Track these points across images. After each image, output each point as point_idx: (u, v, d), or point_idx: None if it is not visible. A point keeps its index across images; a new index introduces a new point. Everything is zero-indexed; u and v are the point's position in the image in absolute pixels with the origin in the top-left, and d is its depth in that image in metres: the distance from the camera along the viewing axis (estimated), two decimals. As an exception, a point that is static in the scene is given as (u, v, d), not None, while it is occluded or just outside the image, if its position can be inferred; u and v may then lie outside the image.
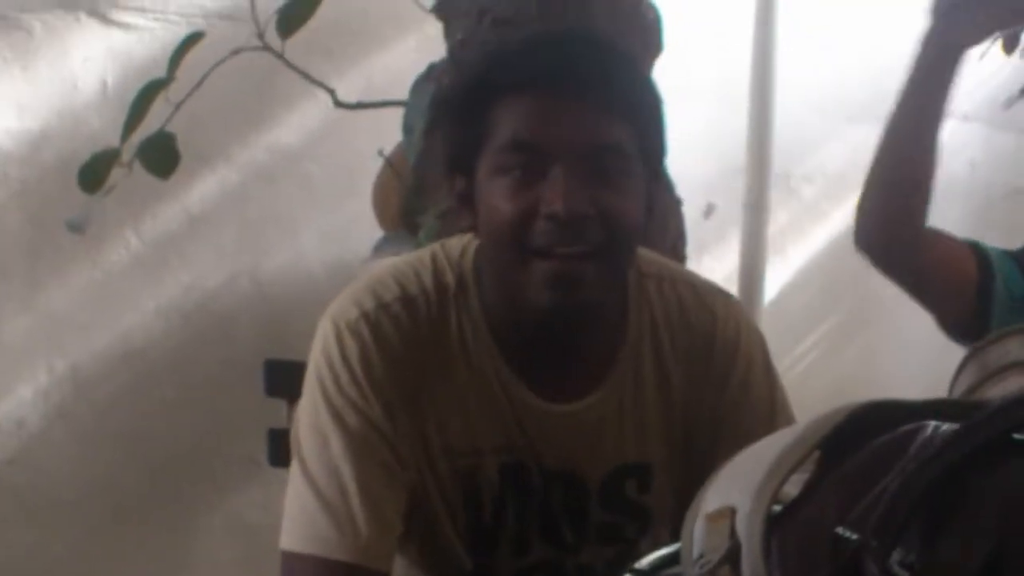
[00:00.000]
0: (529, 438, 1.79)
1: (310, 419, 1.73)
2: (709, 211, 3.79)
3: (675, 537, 1.17)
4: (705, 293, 1.88)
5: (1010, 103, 2.56)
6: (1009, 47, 3.46)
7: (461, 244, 1.81)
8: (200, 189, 3.34)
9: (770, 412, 1.86)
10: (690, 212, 2.89)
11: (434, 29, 2.84)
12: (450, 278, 1.78)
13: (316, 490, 1.70)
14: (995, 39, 3.50)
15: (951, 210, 4.49)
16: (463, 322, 1.76)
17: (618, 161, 1.69)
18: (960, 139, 4.40)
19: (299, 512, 1.72)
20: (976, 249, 2.20)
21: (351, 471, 1.69)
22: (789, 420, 1.86)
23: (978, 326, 2.09)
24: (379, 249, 2.95)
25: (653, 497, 1.85)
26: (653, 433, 1.82)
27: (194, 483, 3.37)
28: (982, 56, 3.52)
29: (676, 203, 2.80)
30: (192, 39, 2.79)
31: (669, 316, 1.83)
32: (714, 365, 1.84)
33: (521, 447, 1.79)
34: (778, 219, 3.86)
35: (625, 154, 1.69)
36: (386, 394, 1.72)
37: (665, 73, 2.86)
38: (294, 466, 1.75)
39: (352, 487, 1.69)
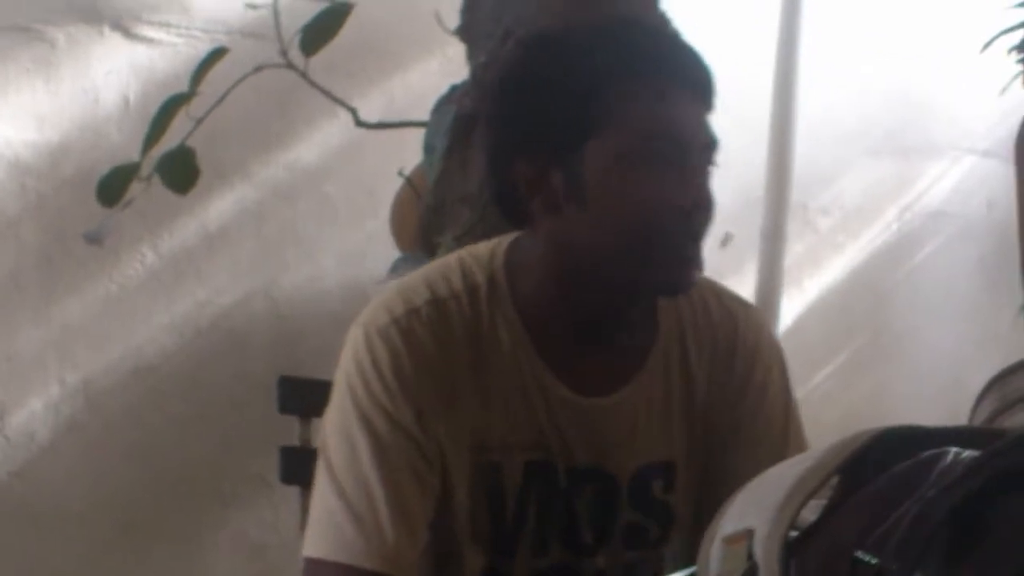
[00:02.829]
0: (560, 433, 1.79)
1: (338, 425, 1.73)
2: (726, 240, 3.78)
3: (693, 548, 1.16)
4: (729, 300, 1.93)
5: None
6: (1031, 83, 3.47)
7: (489, 247, 1.82)
8: (218, 205, 3.34)
9: (784, 421, 1.90)
10: (708, 241, 2.88)
11: (456, 51, 2.85)
12: (480, 278, 1.79)
13: (343, 497, 1.70)
14: (1017, 75, 3.51)
15: (969, 247, 4.49)
16: (496, 319, 1.77)
17: (715, 157, 1.75)
18: (979, 176, 4.40)
19: (325, 518, 1.71)
20: None
21: (379, 478, 1.69)
22: (799, 431, 1.91)
23: None
24: (395, 270, 2.95)
25: (678, 496, 1.86)
26: (677, 432, 1.85)
27: (203, 499, 3.37)
28: (1003, 91, 3.53)
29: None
30: (215, 55, 2.80)
31: (696, 319, 1.86)
32: (735, 369, 1.87)
33: (551, 444, 1.79)
34: (795, 250, 3.85)
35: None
36: (417, 400, 1.72)
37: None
38: (320, 473, 1.75)
39: (380, 494, 1.68)
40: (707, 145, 1.72)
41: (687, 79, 1.70)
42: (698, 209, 1.70)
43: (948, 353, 4.31)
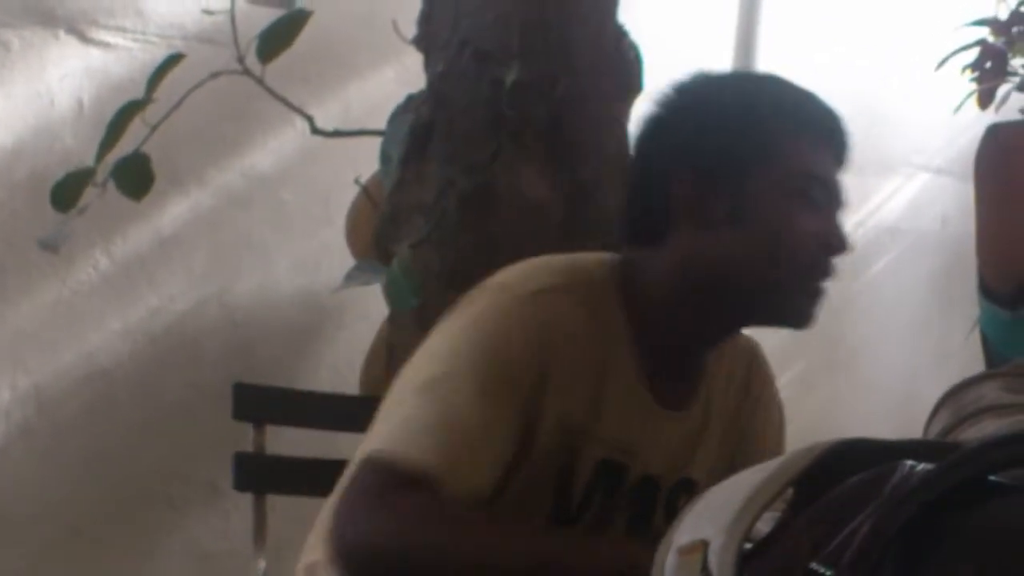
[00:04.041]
0: (641, 439, 1.87)
1: (450, 354, 1.74)
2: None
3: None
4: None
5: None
6: (984, 102, 3.50)
7: (595, 258, 1.90)
8: (173, 212, 3.33)
9: (780, 435, 2.05)
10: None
11: (413, 60, 2.85)
12: (600, 282, 1.86)
13: (429, 412, 1.69)
14: (970, 93, 3.54)
15: (922, 263, 4.52)
16: (616, 320, 1.84)
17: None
18: (933, 192, 4.44)
19: (399, 423, 1.70)
20: None
21: (474, 414, 1.69)
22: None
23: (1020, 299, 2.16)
24: (350, 278, 2.94)
25: None
26: (703, 451, 1.94)
27: (154, 506, 3.35)
28: (957, 110, 3.55)
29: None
30: (172, 61, 2.79)
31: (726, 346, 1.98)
32: (753, 388, 2.01)
33: (631, 447, 1.86)
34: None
35: None
36: (543, 366, 1.75)
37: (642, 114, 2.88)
38: (403, 389, 1.75)
39: (469, 424, 1.68)
40: (842, 202, 1.86)
41: (838, 140, 1.86)
42: (839, 250, 1.82)
43: (901, 367, 4.34)
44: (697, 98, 1.85)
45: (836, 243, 1.81)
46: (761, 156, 1.79)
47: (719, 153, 1.79)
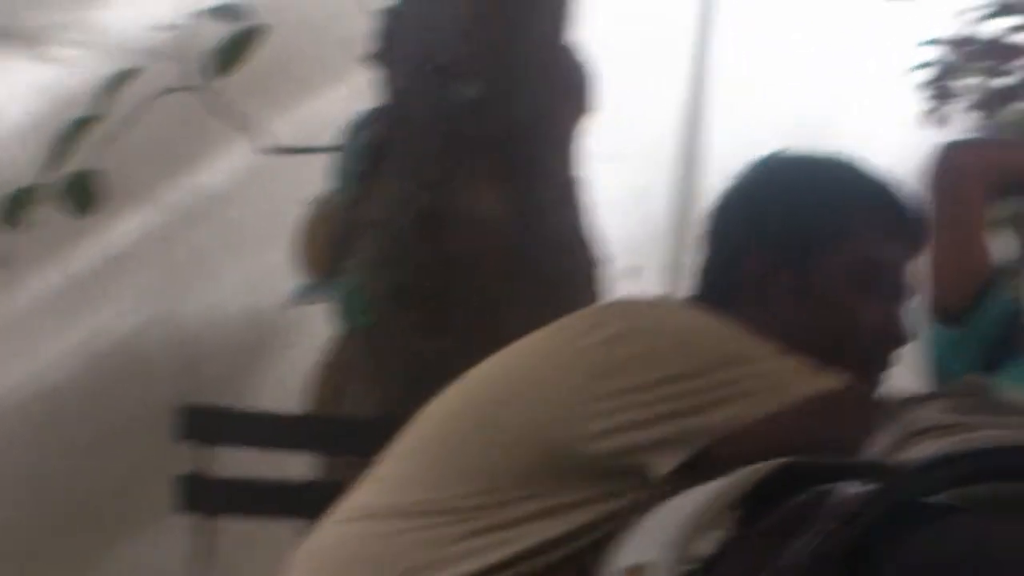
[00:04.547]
0: None
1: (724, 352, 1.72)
2: (634, 272, 3.79)
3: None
4: None
5: None
6: (936, 120, 3.52)
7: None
8: (122, 228, 3.30)
9: None
10: (615, 272, 2.90)
11: (365, 78, 2.84)
12: None
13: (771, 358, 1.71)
14: (925, 109, 3.56)
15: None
16: None
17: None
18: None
19: (773, 372, 1.70)
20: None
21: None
22: None
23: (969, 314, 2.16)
24: (299, 296, 2.93)
25: None
26: None
27: (99, 526, 3.32)
28: (911, 124, 3.57)
29: (597, 262, 2.81)
30: (124, 76, 2.77)
31: None
32: None
33: None
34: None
35: None
36: None
37: (596, 133, 2.88)
38: (735, 371, 1.71)
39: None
40: (910, 292, 1.86)
41: (915, 232, 1.86)
42: (897, 344, 1.83)
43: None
44: (774, 176, 1.87)
45: (894, 337, 1.81)
46: (830, 241, 1.80)
47: (789, 233, 1.81)
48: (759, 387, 1.66)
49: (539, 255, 2.72)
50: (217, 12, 2.87)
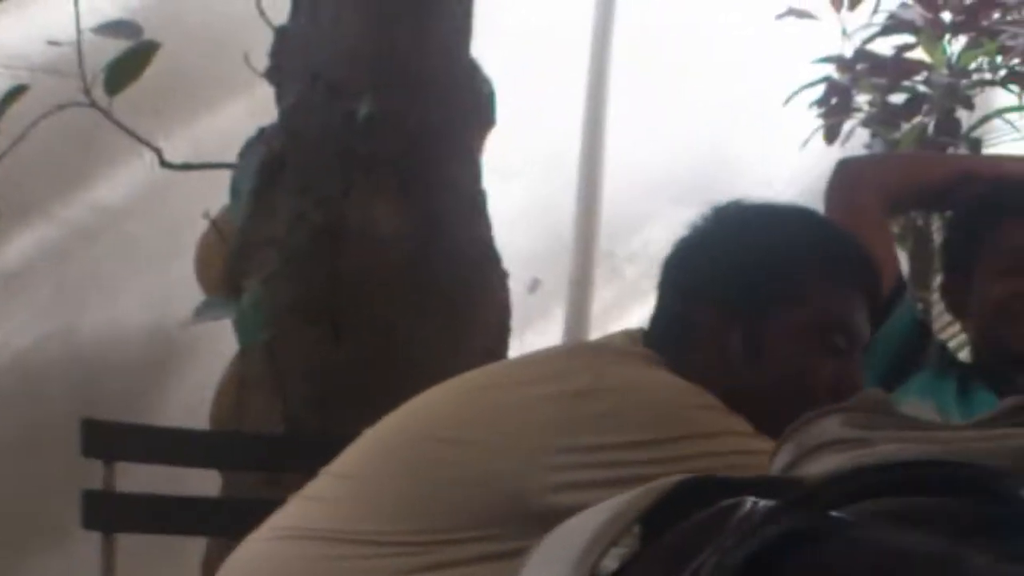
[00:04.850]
0: None
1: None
2: (534, 286, 3.81)
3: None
4: None
5: None
6: (831, 137, 3.57)
7: (622, 347, 1.86)
8: (17, 245, 3.26)
9: None
10: (515, 286, 2.91)
11: (264, 93, 2.82)
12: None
13: None
14: (817, 129, 3.61)
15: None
16: None
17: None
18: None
19: (736, 451, 1.69)
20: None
21: None
22: None
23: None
24: (200, 313, 2.91)
25: None
26: None
27: (-2, 545, 3.27)
28: (804, 144, 3.61)
29: (501, 276, 2.81)
30: (15, 92, 2.73)
31: None
32: None
33: None
34: (602, 297, 3.89)
35: None
36: None
37: (496, 147, 2.89)
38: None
39: None
40: (866, 343, 1.86)
41: (867, 286, 1.86)
42: (847, 396, 1.77)
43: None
44: (727, 229, 1.86)
45: (846, 390, 1.76)
46: (784, 297, 1.80)
47: (741, 289, 1.80)
48: (719, 465, 1.64)
49: (441, 269, 2.72)
50: (110, 28, 2.85)
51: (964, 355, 2.42)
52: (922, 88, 3.50)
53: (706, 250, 1.85)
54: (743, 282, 1.81)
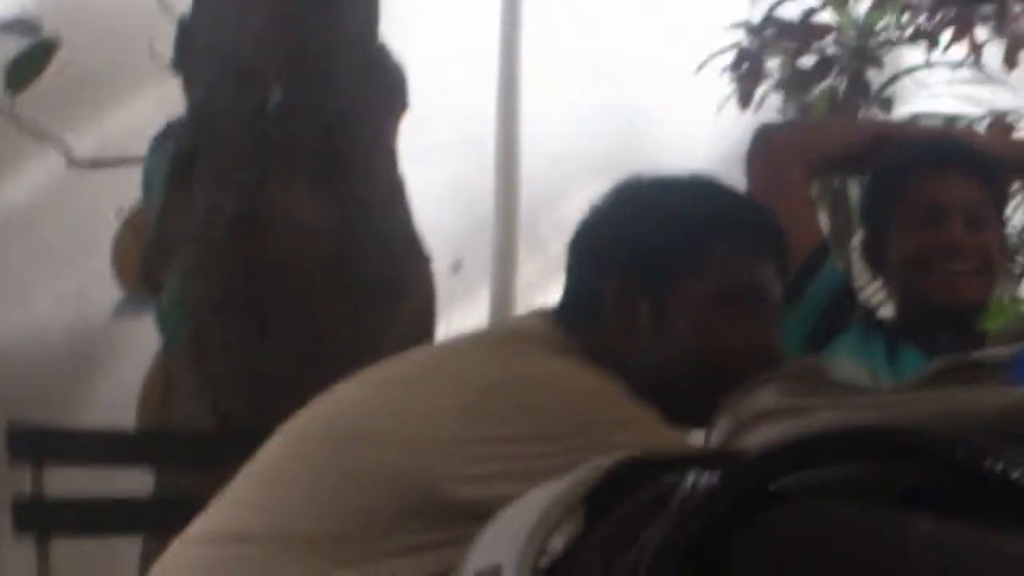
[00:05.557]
0: None
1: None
2: (457, 266, 3.80)
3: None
4: None
5: None
6: (744, 103, 3.59)
7: (528, 330, 1.83)
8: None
9: None
10: (439, 267, 2.90)
11: (171, 85, 2.79)
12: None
13: None
14: (729, 95, 3.63)
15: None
16: None
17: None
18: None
19: (649, 443, 1.61)
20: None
21: None
22: None
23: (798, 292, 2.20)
24: (120, 311, 2.88)
25: None
26: None
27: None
28: (719, 110, 3.63)
29: (425, 260, 2.80)
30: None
31: None
32: None
33: None
34: (527, 272, 3.89)
35: None
36: None
37: (410, 130, 2.87)
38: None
39: None
40: (778, 303, 1.85)
41: (772, 243, 1.85)
42: (770, 363, 1.77)
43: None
44: (626, 203, 1.85)
45: (764, 356, 1.77)
46: (686, 266, 1.79)
47: (644, 261, 1.79)
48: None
49: (364, 256, 2.71)
50: (8, 26, 2.80)
51: (884, 312, 2.45)
52: (831, 50, 3.53)
53: (608, 225, 1.85)
54: (644, 253, 1.80)
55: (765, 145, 2.36)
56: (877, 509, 1.00)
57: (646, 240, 1.81)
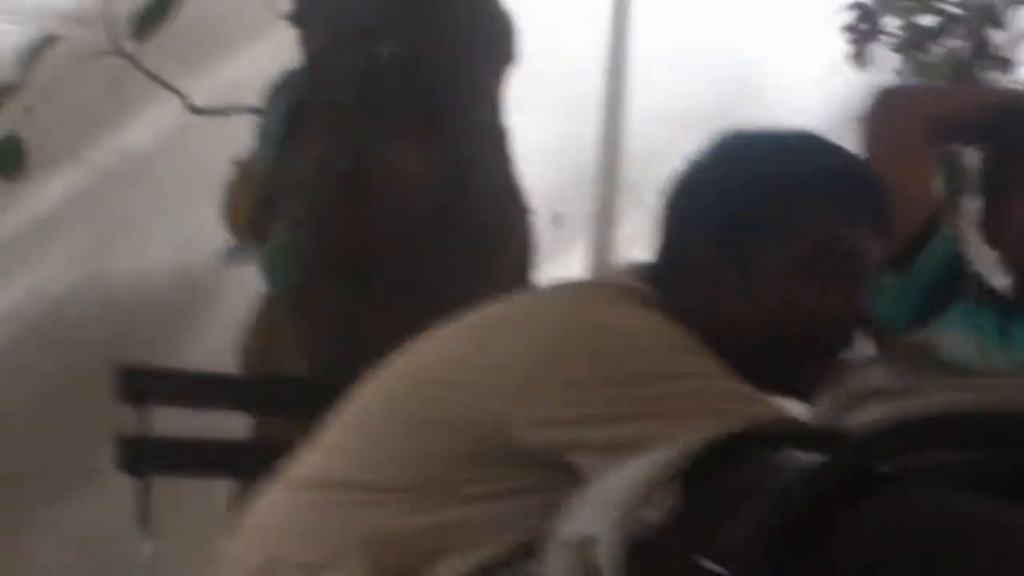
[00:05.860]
0: None
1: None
2: (558, 220, 3.81)
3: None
4: None
5: None
6: (859, 62, 3.55)
7: (624, 281, 1.81)
8: (49, 192, 3.27)
9: None
10: (539, 221, 2.91)
11: (288, 36, 2.81)
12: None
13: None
14: (845, 55, 3.58)
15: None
16: None
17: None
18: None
19: (714, 395, 1.63)
20: None
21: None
22: None
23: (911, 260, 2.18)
24: (227, 257, 2.92)
25: None
26: None
27: (30, 492, 3.30)
28: (833, 70, 3.60)
29: (526, 212, 2.81)
30: (45, 43, 2.74)
31: None
32: None
33: None
34: (625, 228, 3.89)
35: None
36: None
37: (517, 82, 2.88)
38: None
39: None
40: (874, 269, 1.78)
41: (873, 206, 1.78)
42: (856, 324, 1.76)
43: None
44: (722, 159, 1.80)
45: (851, 320, 1.75)
46: (777, 225, 1.74)
47: (737, 223, 1.75)
48: (695, 408, 1.60)
49: (466, 208, 2.72)
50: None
51: (999, 283, 2.40)
52: (951, 9, 3.46)
53: (703, 181, 1.79)
54: (735, 216, 1.75)
55: (888, 106, 2.31)
56: (984, 496, 0.99)
57: (739, 197, 1.76)
